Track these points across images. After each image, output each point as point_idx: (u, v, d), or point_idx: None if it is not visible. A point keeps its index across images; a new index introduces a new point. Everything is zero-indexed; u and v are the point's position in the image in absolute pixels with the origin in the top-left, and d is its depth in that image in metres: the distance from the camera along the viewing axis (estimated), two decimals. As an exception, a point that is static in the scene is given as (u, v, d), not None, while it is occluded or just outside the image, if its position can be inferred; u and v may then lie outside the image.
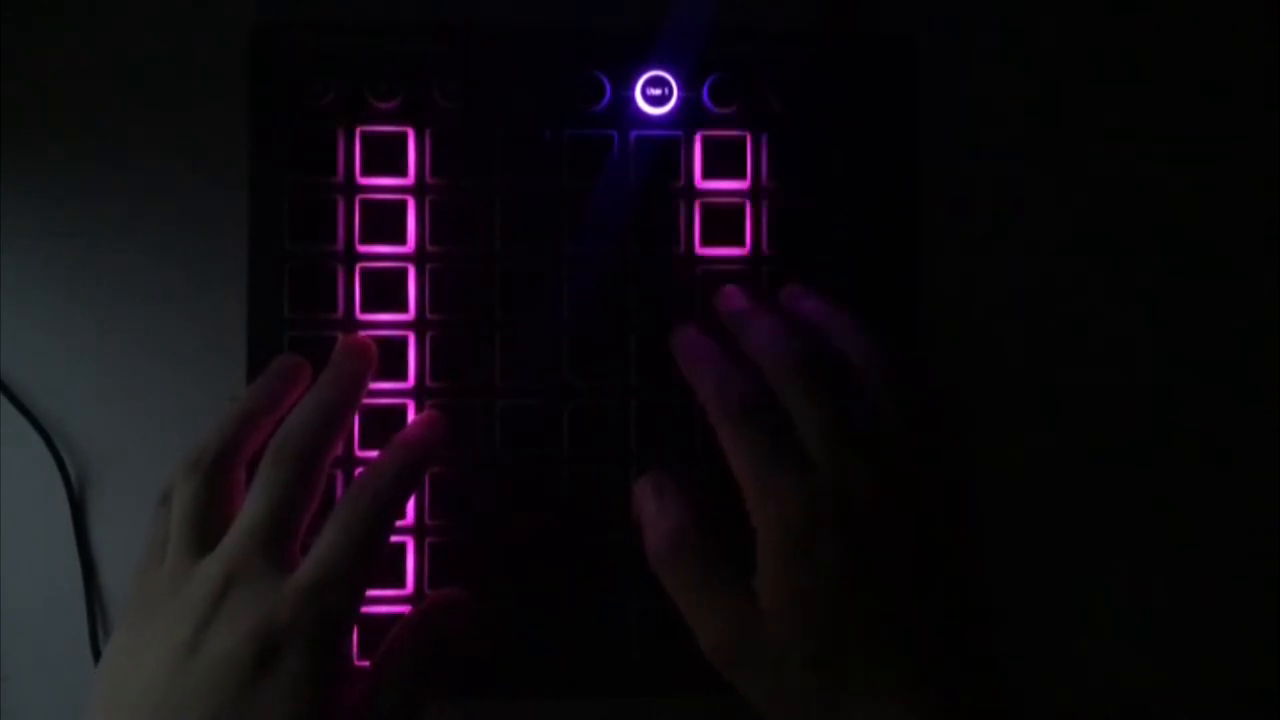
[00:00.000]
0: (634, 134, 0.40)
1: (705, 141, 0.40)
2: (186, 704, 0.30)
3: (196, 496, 0.34)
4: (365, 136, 0.39)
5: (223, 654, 0.31)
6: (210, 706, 0.30)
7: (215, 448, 0.34)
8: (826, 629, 0.31)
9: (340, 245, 0.39)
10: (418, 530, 0.39)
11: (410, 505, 0.39)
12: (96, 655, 0.40)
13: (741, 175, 0.40)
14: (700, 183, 0.40)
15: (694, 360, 0.37)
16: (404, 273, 0.39)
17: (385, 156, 0.39)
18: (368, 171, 0.39)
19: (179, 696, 0.30)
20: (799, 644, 0.31)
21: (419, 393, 0.39)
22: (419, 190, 0.40)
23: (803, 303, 0.38)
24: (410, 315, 0.39)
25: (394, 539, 0.38)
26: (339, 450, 0.37)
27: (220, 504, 0.34)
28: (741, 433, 0.34)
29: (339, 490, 0.38)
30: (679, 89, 0.40)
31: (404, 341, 0.39)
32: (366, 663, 0.35)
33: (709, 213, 0.40)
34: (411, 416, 0.39)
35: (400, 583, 0.39)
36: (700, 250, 0.40)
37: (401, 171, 0.39)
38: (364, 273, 0.39)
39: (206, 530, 0.33)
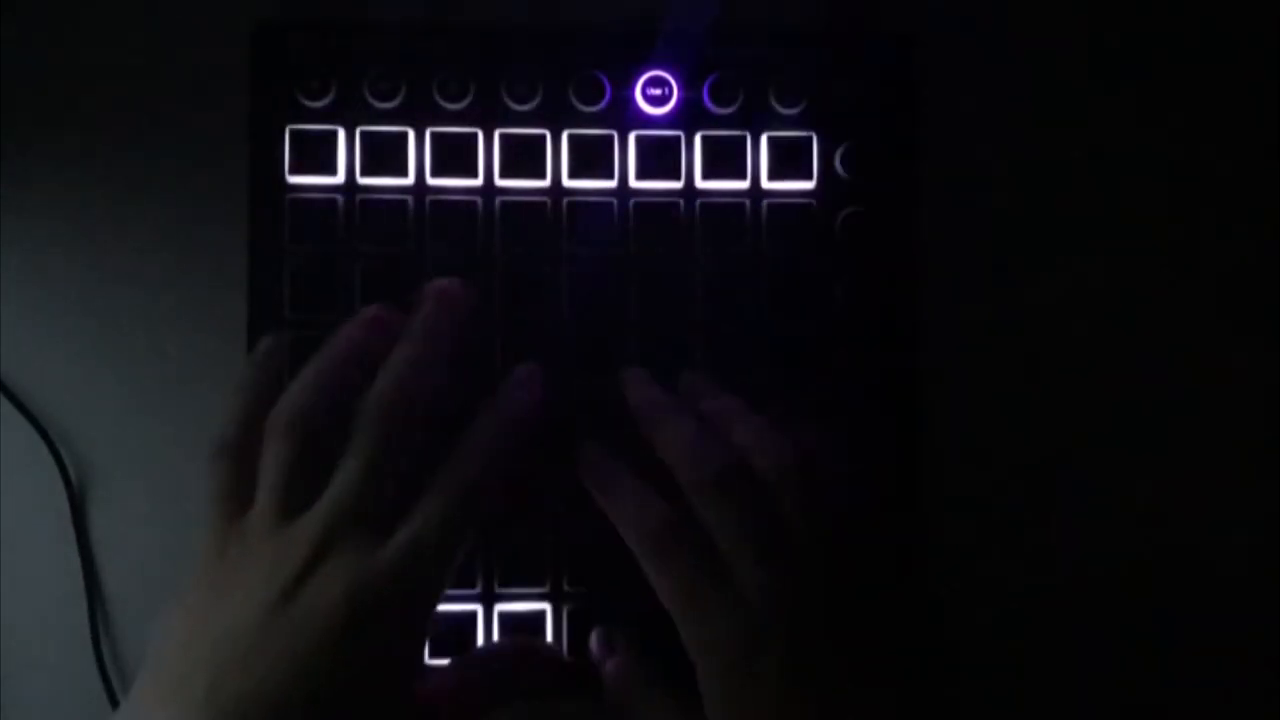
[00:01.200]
0: (634, 134, 0.40)
1: (705, 141, 0.40)
2: (274, 653, 0.30)
3: (294, 454, 0.33)
4: (365, 136, 0.39)
5: (318, 612, 0.31)
6: (299, 659, 0.30)
7: (308, 404, 0.34)
8: None
9: (340, 245, 0.39)
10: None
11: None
12: (97, 655, 0.40)
13: (742, 175, 0.40)
14: (700, 182, 0.40)
15: (604, 485, 0.36)
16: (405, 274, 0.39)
17: (385, 156, 0.39)
18: (368, 172, 0.39)
19: (267, 646, 0.30)
20: None
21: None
22: (419, 191, 0.40)
23: (709, 401, 0.37)
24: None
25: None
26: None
27: (315, 464, 0.33)
28: (665, 559, 0.34)
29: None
30: (679, 89, 0.40)
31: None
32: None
33: (709, 212, 0.40)
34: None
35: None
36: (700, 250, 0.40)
37: (402, 172, 0.40)
38: (365, 273, 0.39)
39: (303, 490, 0.33)
